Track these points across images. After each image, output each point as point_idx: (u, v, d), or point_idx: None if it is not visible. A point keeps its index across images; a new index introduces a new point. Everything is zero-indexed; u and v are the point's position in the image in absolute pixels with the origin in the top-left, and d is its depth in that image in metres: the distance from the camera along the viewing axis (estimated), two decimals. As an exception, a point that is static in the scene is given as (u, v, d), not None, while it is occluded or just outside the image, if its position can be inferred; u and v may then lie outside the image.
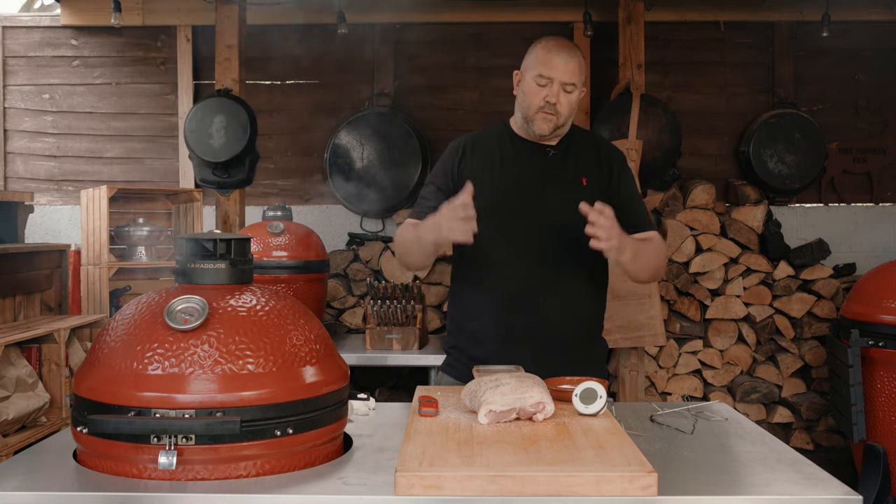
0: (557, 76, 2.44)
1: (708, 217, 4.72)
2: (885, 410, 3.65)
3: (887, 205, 5.10)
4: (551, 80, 2.44)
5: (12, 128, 5.17)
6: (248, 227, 4.40)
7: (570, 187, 2.52)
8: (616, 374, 4.39)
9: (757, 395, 4.61)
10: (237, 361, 1.67)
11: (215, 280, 1.82)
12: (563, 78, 2.44)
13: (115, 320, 1.80)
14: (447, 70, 5.14)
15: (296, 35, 4.99)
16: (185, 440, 1.62)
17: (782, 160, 4.93)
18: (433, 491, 1.54)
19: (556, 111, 2.46)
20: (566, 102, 2.47)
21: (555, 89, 2.45)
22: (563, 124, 2.51)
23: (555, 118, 2.47)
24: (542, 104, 2.46)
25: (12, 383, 3.16)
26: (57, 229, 5.12)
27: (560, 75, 2.44)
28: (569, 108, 2.49)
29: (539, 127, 2.49)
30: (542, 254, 2.48)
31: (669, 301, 4.68)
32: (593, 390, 1.95)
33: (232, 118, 4.43)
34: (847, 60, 5.10)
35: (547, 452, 1.65)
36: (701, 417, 2.23)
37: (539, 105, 2.46)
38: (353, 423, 2.09)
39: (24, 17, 5.23)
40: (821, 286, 4.72)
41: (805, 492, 1.63)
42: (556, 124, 2.48)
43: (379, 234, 5.05)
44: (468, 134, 2.65)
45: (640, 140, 4.42)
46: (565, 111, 2.48)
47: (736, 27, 5.10)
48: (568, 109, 2.48)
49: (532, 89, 2.48)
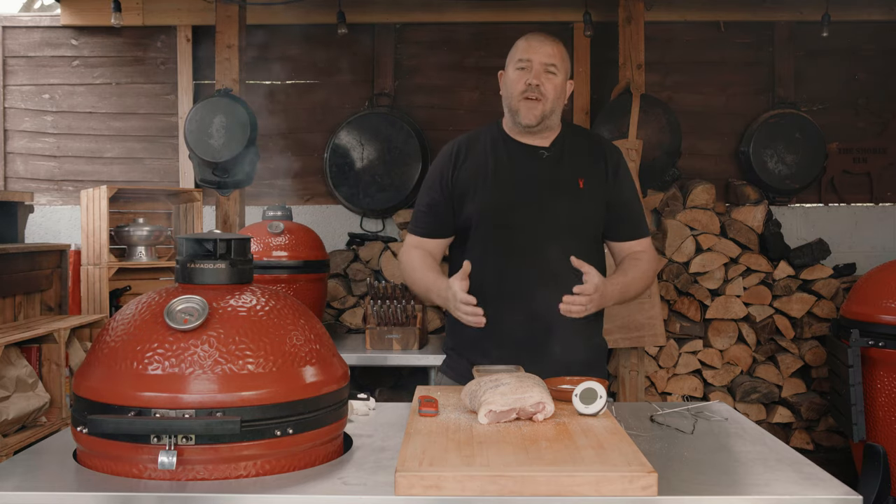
0: (537, 57, 2.43)
1: (708, 217, 4.72)
2: (885, 410, 3.65)
3: (887, 205, 5.09)
4: (530, 61, 2.43)
5: (12, 128, 5.17)
6: (248, 227, 4.40)
7: (565, 190, 2.49)
8: (616, 374, 4.39)
9: (757, 395, 4.61)
10: (237, 361, 1.67)
11: (215, 280, 1.82)
12: (543, 59, 2.42)
13: (115, 320, 1.80)
14: (447, 70, 5.14)
15: (296, 35, 4.99)
16: (185, 440, 1.62)
17: (782, 160, 4.92)
18: (433, 491, 1.54)
19: (540, 94, 2.42)
20: (550, 85, 2.43)
21: (535, 69, 2.42)
22: (549, 112, 2.45)
23: (540, 103, 2.42)
24: (524, 88, 2.43)
25: (12, 383, 3.16)
26: (57, 229, 5.12)
27: (538, 56, 2.43)
28: (553, 92, 2.44)
29: (525, 116, 2.44)
30: (539, 257, 2.47)
31: (669, 301, 4.68)
32: (593, 390, 1.95)
33: (232, 118, 4.43)
34: (847, 60, 5.09)
35: (547, 452, 1.65)
36: (701, 417, 2.23)
37: (521, 90, 2.43)
38: (353, 423, 2.09)
39: (24, 17, 5.23)
40: (821, 286, 4.72)
41: (805, 492, 1.63)
42: (542, 111, 2.43)
43: (379, 234, 5.05)
44: (459, 138, 2.62)
45: (640, 140, 4.42)
46: (550, 94, 2.43)
47: (736, 27, 5.10)
48: (553, 92, 2.44)
49: (513, 77, 2.46)
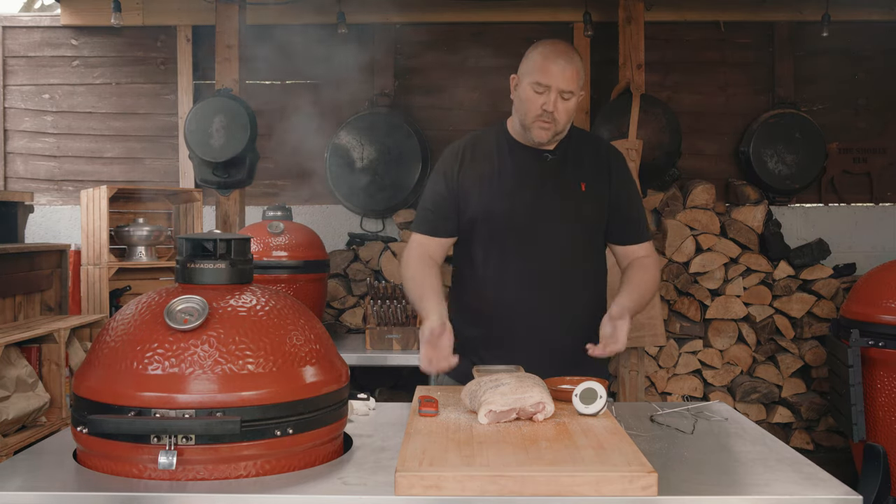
0: (555, 84, 2.39)
1: (708, 217, 4.72)
2: (885, 410, 3.65)
3: (887, 205, 5.09)
4: (548, 87, 2.40)
5: (12, 128, 5.17)
6: (248, 227, 4.40)
7: (568, 193, 2.50)
8: (616, 374, 4.39)
9: (757, 395, 4.61)
10: (237, 361, 1.67)
11: (215, 280, 1.82)
12: (561, 86, 2.40)
13: (115, 320, 1.80)
14: (447, 70, 5.13)
15: (296, 35, 4.98)
16: (185, 440, 1.62)
17: (782, 160, 4.92)
18: (433, 491, 1.54)
19: (553, 119, 2.43)
20: (563, 110, 2.43)
21: (552, 98, 2.40)
22: (561, 131, 2.49)
23: (552, 126, 2.44)
24: (540, 112, 2.42)
25: (12, 383, 3.16)
26: (57, 229, 5.12)
27: (557, 83, 2.39)
28: (566, 116, 2.45)
29: (537, 135, 2.46)
30: (541, 259, 2.47)
31: (669, 301, 4.68)
32: (593, 390, 1.95)
33: (232, 118, 4.43)
34: (847, 60, 5.09)
35: (547, 452, 1.65)
36: (701, 417, 2.23)
37: (536, 114, 2.43)
38: (353, 423, 2.09)
39: (24, 17, 5.23)
40: (821, 286, 4.72)
41: (805, 492, 1.63)
42: (554, 132, 2.46)
43: (379, 234, 5.04)
44: (465, 137, 2.62)
45: (640, 140, 4.41)
46: (563, 119, 2.44)
47: (736, 27, 5.10)
48: (566, 117, 2.45)
49: (529, 97, 2.43)
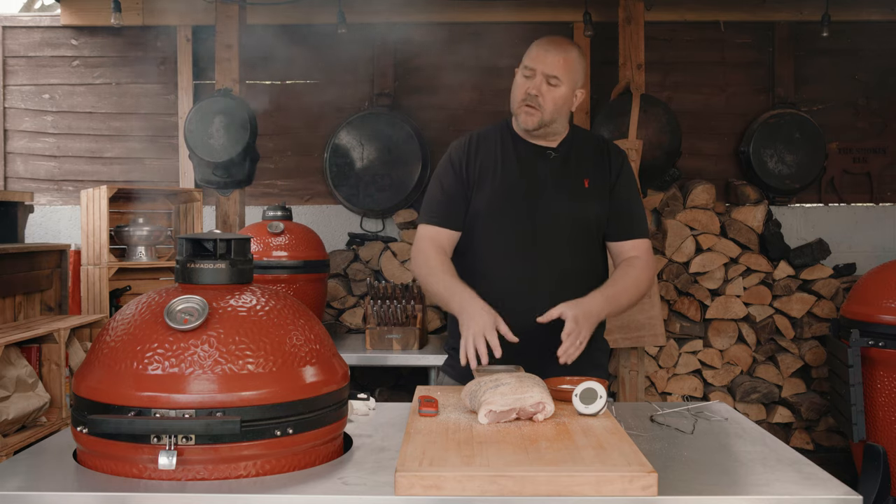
0: (541, 68, 2.42)
1: (708, 217, 4.72)
2: (885, 410, 3.65)
3: (887, 205, 5.09)
4: (535, 71, 2.43)
5: (12, 128, 5.17)
6: (248, 227, 4.40)
7: (571, 189, 2.51)
8: (616, 374, 4.39)
9: (757, 395, 4.61)
10: (237, 361, 1.67)
11: (215, 280, 1.82)
12: (547, 70, 2.41)
13: (115, 320, 1.80)
14: (447, 70, 5.13)
15: (296, 35, 4.99)
16: (185, 440, 1.62)
17: (782, 160, 4.92)
18: (433, 491, 1.54)
19: (538, 104, 2.43)
20: (549, 97, 2.43)
21: (537, 81, 2.42)
22: (549, 121, 2.47)
23: (538, 112, 2.43)
24: (524, 96, 2.44)
25: (12, 383, 3.16)
26: (57, 229, 5.12)
27: (543, 67, 2.42)
28: (552, 103, 2.44)
29: (523, 121, 2.46)
30: (542, 256, 2.48)
31: (669, 301, 4.68)
32: (593, 390, 1.95)
33: (232, 118, 4.43)
34: (847, 60, 5.09)
35: (547, 452, 1.65)
36: (701, 417, 2.23)
37: (521, 98, 2.45)
38: (353, 423, 2.09)
39: (24, 17, 5.23)
40: (821, 286, 4.72)
41: (805, 492, 1.63)
42: (539, 120, 2.44)
43: (379, 234, 5.05)
44: (472, 132, 2.63)
45: (640, 140, 4.42)
46: (548, 106, 2.43)
47: (736, 27, 5.10)
48: (551, 104, 2.44)
49: (518, 82, 2.48)
